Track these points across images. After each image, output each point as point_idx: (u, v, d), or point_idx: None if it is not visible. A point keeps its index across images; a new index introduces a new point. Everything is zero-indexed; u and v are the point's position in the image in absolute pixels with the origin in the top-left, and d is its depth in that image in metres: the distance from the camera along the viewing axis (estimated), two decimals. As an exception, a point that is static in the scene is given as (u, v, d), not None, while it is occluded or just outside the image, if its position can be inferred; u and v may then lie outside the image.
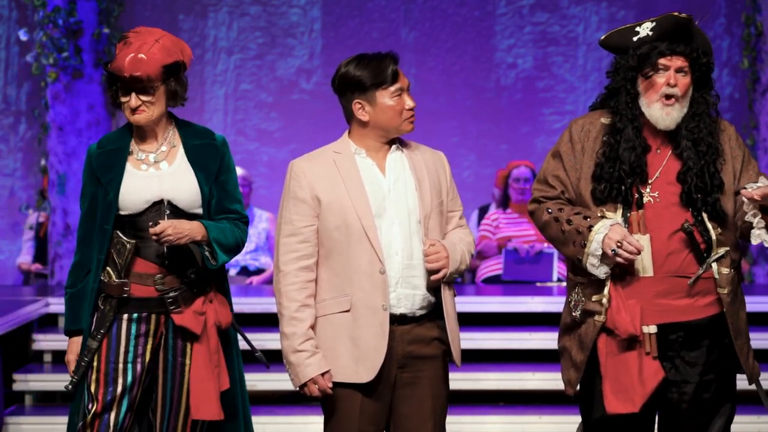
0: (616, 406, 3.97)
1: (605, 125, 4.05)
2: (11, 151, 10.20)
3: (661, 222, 3.97)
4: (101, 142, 4.21)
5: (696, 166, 3.97)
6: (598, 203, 4.01)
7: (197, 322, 4.09)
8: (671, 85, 3.96)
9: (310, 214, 3.94)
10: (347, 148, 3.99)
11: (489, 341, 6.92)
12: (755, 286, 9.14)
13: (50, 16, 9.35)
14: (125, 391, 4.07)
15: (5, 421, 6.44)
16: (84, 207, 4.20)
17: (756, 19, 9.61)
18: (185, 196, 4.12)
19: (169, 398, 4.11)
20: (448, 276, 3.93)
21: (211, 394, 4.09)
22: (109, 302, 4.09)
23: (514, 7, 10.30)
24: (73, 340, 4.18)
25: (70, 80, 9.38)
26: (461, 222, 4.09)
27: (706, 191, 3.97)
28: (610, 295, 3.96)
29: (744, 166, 4.05)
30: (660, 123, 3.99)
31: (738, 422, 6.26)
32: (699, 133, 3.99)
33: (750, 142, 9.66)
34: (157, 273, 4.08)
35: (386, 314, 3.88)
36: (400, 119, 3.95)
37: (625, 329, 3.94)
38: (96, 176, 4.14)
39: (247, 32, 10.36)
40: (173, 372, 4.11)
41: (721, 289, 3.98)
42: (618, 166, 3.97)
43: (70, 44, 9.35)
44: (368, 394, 3.91)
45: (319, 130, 9.86)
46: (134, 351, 4.08)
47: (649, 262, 3.97)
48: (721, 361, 4.02)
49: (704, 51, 4.03)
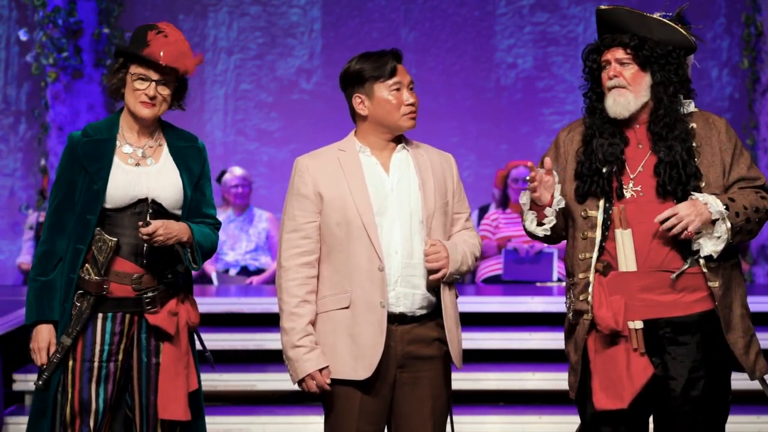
0: (604, 402, 3.98)
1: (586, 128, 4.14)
2: (11, 151, 10.20)
3: (645, 216, 3.98)
4: (86, 131, 4.13)
5: (668, 156, 3.99)
6: (580, 201, 4.06)
7: (171, 322, 4.09)
8: (611, 77, 4.03)
9: (312, 211, 3.95)
10: (352, 146, 4.01)
11: (489, 341, 6.91)
12: (755, 286, 9.14)
13: (50, 16, 9.36)
14: (101, 390, 4.06)
15: (5, 421, 6.44)
16: (59, 194, 4.08)
17: (756, 19, 9.62)
18: (170, 195, 4.12)
19: (145, 399, 4.10)
20: (447, 276, 3.93)
21: (179, 393, 4.09)
22: (87, 299, 4.04)
23: (514, 7, 10.31)
24: (43, 328, 4.04)
25: (70, 80, 9.39)
26: (468, 224, 4.09)
27: (680, 181, 3.97)
28: (593, 292, 3.99)
29: (735, 159, 4.03)
30: (611, 112, 4.04)
31: (738, 422, 6.29)
32: (665, 123, 4.02)
33: (750, 142, 9.66)
34: (135, 273, 4.06)
35: (384, 312, 3.88)
36: (398, 114, 3.96)
37: (607, 325, 3.96)
38: (80, 164, 4.06)
39: (247, 32, 10.37)
40: (147, 372, 4.10)
41: (711, 282, 3.96)
42: (594, 158, 4.03)
43: (70, 44, 9.36)
44: (367, 392, 3.91)
45: (319, 130, 9.86)
46: (109, 350, 4.06)
47: (632, 257, 3.98)
48: (713, 358, 4.00)
49: (650, 38, 4.04)
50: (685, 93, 4.09)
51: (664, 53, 4.04)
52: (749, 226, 3.96)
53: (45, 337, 4.05)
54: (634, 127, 4.07)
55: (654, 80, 4.04)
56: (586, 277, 4.03)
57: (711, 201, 3.92)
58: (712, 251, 3.92)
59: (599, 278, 4.00)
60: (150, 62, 4.03)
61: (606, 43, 4.09)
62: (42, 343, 4.05)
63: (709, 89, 10.16)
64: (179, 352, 4.12)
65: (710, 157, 4.01)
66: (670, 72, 4.04)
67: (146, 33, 4.07)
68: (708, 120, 4.07)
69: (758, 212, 3.97)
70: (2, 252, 10.18)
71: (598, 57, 4.10)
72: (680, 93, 4.06)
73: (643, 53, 4.03)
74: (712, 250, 3.92)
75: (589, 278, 4.01)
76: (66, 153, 4.11)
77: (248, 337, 7.01)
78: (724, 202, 3.93)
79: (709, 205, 3.90)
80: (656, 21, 4.06)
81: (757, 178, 4.05)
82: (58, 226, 4.07)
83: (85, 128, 4.15)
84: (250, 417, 6.61)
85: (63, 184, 4.09)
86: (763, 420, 6.43)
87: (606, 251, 4.02)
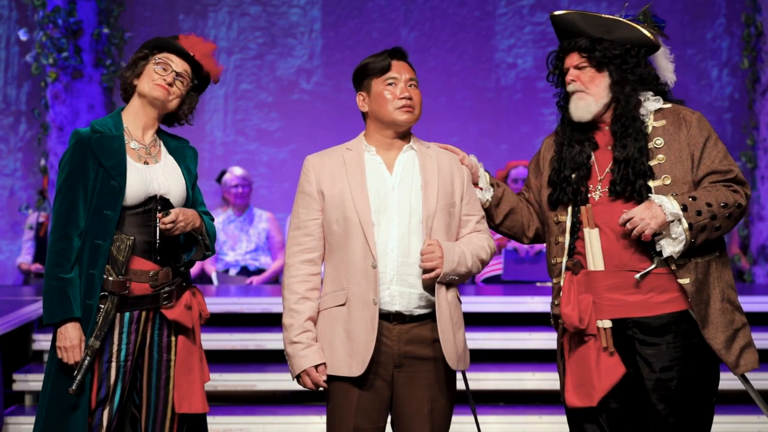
0: (575, 400, 4.01)
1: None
2: (11, 151, 10.20)
3: (611, 216, 3.99)
4: (94, 127, 4.11)
5: (621, 155, 4.00)
6: (552, 207, 4.12)
7: (187, 316, 4.13)
8: (569, 83, 4.08)
9: (315, 208, 3.99)
10: (359, 145, 4.05)
11: (489, 341, 6.91)
12: (755, 286, 9.13)
13: (50, 16, 9.35)
14: (117, 389, 4.06)
15: (5, 421, 6.44)
16: (72, 190, 4.03)
17: (756, 19, 9.61)
18: (179, 192, 4.15)
19: (154, 396, 4.12)
20: (442, 277, 3.92)
21: (194, 387, 4.12)
22: (111, 300, 4.03)
23: (514, 7, 10.31)
24: (70, 326, 3.98)
25: (70, 80, 9.38)
26: (479, 226, 4.08)
27: (629, 181, 3.98)
28: (563, 290, 4.02)
29: (706, 152, 4.01)
30: (574, 116, 4.09)
31: (738, 422, 6.29)
32: (621, 123, 4.03)
33: (750, 142, 9.66)
34: (151, 270, 4.08)
35: (376, 309, 3.89)
36: (391, 107, 3.98)
37: (571, 323, 3.98)
38: (94, 158, 4.04)
39: (247, 32, 10.37)
40: (158, 369, 4.12)
41: (682, 280, 3.94)
42: (563, 166, 4.08)
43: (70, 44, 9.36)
44: (364, 390, 3.92)
45: (319, 130, 9.87)
46: (126, 349, 4.07)
47: (599, 256, 3.99)
48: (691, 357, 3.97)
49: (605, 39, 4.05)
50: (654, 90, 4.09)
51: (619, 53, 4.05)
52: (716, 223, 3.92)
53: (74, 334, 3.99)
54: (603, 129, 4.10)
55: (612, 80, 4.05)
56: (558, 282, 4.07)
57: (665, 203, 3.90)
58: (672, 252, 3.91)
59: (570, 276, 4.03)
60: (177, 50, 4.12)
61: (563, 48, 4.13)
62: (74, 340, 3.99)
63: (709, 89, 10.17)
64: (193, 346, 4.15)
65: (677, 153, 4.00)
66: (627, 71, 4.05)
67: (176, 36, 4.20)
68: (679, 115, 4.05)
69: (726, 207, 3.93)
70: (2, 252, 10.18)
71: (560, 63, 4.15)
72: (639, 91, 4.06)
73: (596, 55, 4.05)
74: (672, 252, 3.91)
75: (560, 282, 4.05)
76: (75, 148, 4.07)
77: (248, 337, 7.01)
78: (682, 203, 3.90)
79: (664, 207, 3.89)
80: (612, 21, 4.07)
81: (729, 171, 4.00)
82: (72, 221, 4.03)
83: (91, 125, 4.13)
84: (250, 417, 6.61)
85: (75, 179, 4.04)
86: (763, 420, 6.42)
87: (577, 251, 4.04)
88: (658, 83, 4.11)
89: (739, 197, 3.97)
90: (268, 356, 6.96)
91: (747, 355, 4.03)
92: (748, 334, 4.06)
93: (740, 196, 3.97)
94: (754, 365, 4.04)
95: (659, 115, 4.06)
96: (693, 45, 10.16)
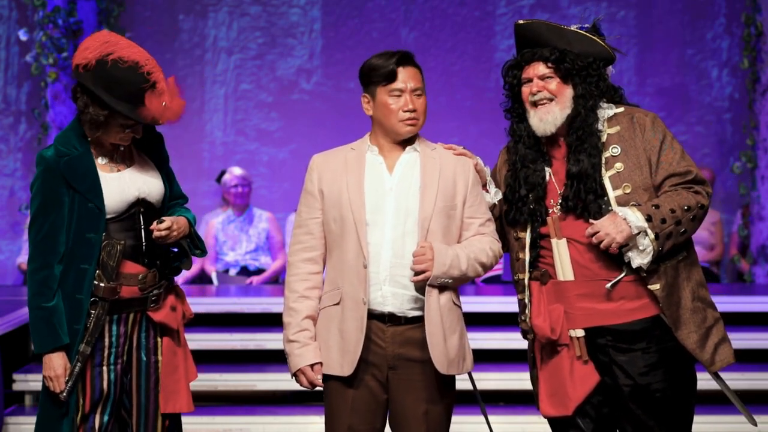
0: (549, 409, 4.00)
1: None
2: (11, 151, 10.20)
3: (577, 228, 3.96)
4: (58, 150, 4.01)
5: (575, 168, 3.96)
6: (510, 224, 4.08)
7: (173, 317, 4.14)
8: (533, 92, 4.00)
9: (315, 207, 4.00)
10: (363, 145, 4.04)
11: (489, 341, 6.91)
12: (755, 286, 9.12)
13: (50, 16, 9.36)
14: (109, 393, 4.06)
15: (5, 421, 6.44)
16: (48, 217, 3.98)
17: (756, 19, 9.61)
18: (157, 190, 4.13)
19: (144, 398, 4.12)
20: (432, 280, 3.88)
21: (179, 386, 4.13)
22: (102, 306, 4.03)
23: (514, 7, 10.31)
24: (56, 356, 3.99)
25: (70, 80, 9.37)
26: (482, 229, 4.03)
27: (580, 197, 3.94)
28: (532, 301, 4.00)
29: (662, 155, 3.96)
30: (539, 130, 4.01)
31: (738, 422, 6.28)
32: (578, 136, 3.98)
33: (750, 142, 9.65)
34: (140, 273, 4.07)
35: (365, 308, 3.88)
36: (395, 119, 3.96)
37: (543, 333, 3.97)
38: (67, 184, 3.98)
39: (247, 32, 10.36)
40: (147, 372, 4.12)
41: (652, 286, 3.91)
42: (518, 185, 4.03)
43: (70, 44, 9.36)
44: (359, 390, 3.92)
45: (319, 130, 9.86)
46: (115, 352, 4.07)
47: (568, 266, 3.96)
48: (668, 361, 3.95)
49: (570, 51, 4.02)
50: (610, 99, 4.05)
51: (584, 65, 4.01)
52: (681, 228, 3.89)
53: (60, 363, 4.00)
54: (559, 141, 4.04)
55: (576, 92, 4.00)
56: (522, 298, 4.05)
57: (629, 215, 3.86)
58: (641, 264, 3.88)
59: (539, 287, 4.00)
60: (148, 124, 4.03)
61: (526, 58, 4.06)
62: (58, 370, 3.99)
63: (709, 89, 10.16)
64: (178, 346, 4.16)
65: (635, 160, 3.96)
66: (592, 84, 4.00)
67: (143, 90, 3.95)
68: (633, 119, 4.00)
69: (690, 210, 3.90)
70: (2, 252, 10.18)
71: (518, 73, 4.07)
72: (599, 105, 4.00)
73: (565, 66, 4.00)
74: (641, 263, 3.88)
75: (524, 299, 4.03)
76: (45, 176, 3.99)
77: (248, 337, 7.01)
78: (646, 213, 3.86)
79: (628, 220, 3.85)
80: (574, 33, 4.03)
81: (688, 172, 3.96)
82: (51, 250, 3.99)
83: (55, 147, 4.04)
84: (250, 417, 6.62)
85: (49, 207, 3.99)
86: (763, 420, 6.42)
87: (544, 261, 4.01)
88: (615, 93, 4.07)
89: (701, 198, 3.94)
90: (268, 356, 6.97)
91: (722, 351, 4.00)
92: (722, 329, 4.03)
93: (702, 196, 3.94)
94: (730, 360, 4.01)
95: (613, 122, 4.01)
96: (693, 45, 10.16)
